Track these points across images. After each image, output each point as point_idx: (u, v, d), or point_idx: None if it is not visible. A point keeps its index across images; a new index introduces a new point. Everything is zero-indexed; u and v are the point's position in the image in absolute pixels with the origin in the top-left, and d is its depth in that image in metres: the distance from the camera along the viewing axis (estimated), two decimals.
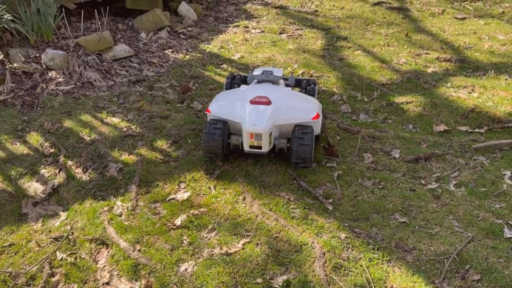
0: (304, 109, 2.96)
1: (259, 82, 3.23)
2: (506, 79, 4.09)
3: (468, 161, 3.00)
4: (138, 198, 2.71)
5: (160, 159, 3.06)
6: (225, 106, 3.01)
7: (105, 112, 3.62)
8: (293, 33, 5.46)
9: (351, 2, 6.49)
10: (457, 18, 5.72)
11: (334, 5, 6.41)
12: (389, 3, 6.35)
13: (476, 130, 3.36)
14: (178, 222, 2.49)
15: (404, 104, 3.73)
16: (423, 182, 2.84)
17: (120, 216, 2.57)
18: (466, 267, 2.20)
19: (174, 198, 2.71)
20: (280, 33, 5.45)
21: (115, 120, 3.52)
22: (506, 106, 3.62)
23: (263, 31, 5.51)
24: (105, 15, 5.12)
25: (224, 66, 4.55)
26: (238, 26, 5.71)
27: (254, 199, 2.68)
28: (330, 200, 2.68)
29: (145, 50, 4.81)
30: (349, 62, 4.62)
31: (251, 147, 2.81)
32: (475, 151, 3.11)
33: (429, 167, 2.97)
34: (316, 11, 6.16)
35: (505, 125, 3.34)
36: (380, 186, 2.81)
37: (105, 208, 2.62)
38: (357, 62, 4.61)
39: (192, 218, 2.52)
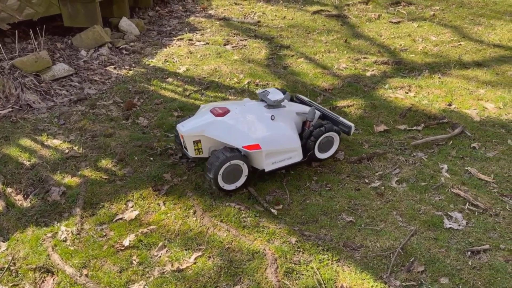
0: (243, 135, 2.72)
1: (260, 100, 3.08)
2: (439, 78, 4.34)
3: (407, 158, 3.15)
4: (83, 221, 2.61)
5: (105, 179, 2.98)
6: (207, 107, 2.98)
7: (46, 134, 3.49)
8: (237, 44, 5.52)
9: (292, 11, 6.66)
10: (392, 22, 6.01)
11: (276, 15, 6.54)
12: (328, 11, 6.57)
13: (414, 127, 3.54)
14: (126, 242, 2.43)
15: (346, 107, 3.86)
16: (367, 181, 2.95)
17: (65, 241, 2.47)
18: (411, 260, 2.29)
19: (121, 218, 2.64)
20: (225, 44, 5.49)
21: (56, 142, 3.39)
22: (440, 103, 3.84)
23: (207, 43, 5.53)
24: (42, 34, 4.94)
25: (170, 80, 4.52)
26: (182, 39, 5.70)
27: (204, 211, 2.66)
28: (280, 206, 2.72)
29: (85, 68, 4.68)
30: (293, 70, 4.72)
31: (184, 147, 2.85)
32: (414, 148, 3.26)
33: (371, 166, 3.09)
34: (259, 21, 6.27)
35: (440, 121, 3.53)
36: (327, 188, 2.89)
37: (49, 235, 2.51)
38: (301, 69, 4.72)
39: (141, 237, 2.47)
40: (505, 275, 2.19)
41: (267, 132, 2.79)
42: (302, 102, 3.37)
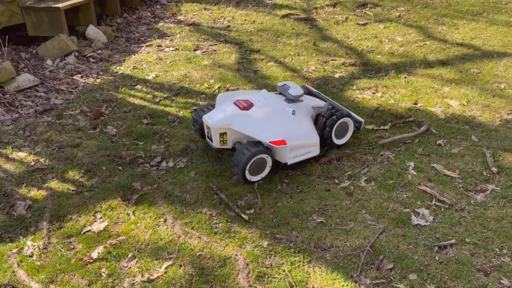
0: (270, 130, 2.83)
1: (279, 93, 3.23)
2: (405, 77, 4.43)
3: (375, 157, 3.20)
4: (50, 235, 2.55)
5: (73, 190, 2.92)
6: (224, 97, 3.14)
7: (10, 147, 3.39)
8: (207, 49, 5.51)
9: (262, 16, 6.69)
10: (359, 24, 6.11)
11: (245, 20, 6.56)
12: (296, 14, 6.63)
13: (382, 127, 3.60)
14: (95, 255, 2.38)
15: None
16: (336, 181, 2.98)
17: (31, 256, 2.40)
18: (380, 258, 2.33)
19: (90, 230, 2.59)
20: (195, 50, 5.47)
21: (21, 154, 3.30)
22: (406, 102, 3.92)
23: (177, 49, 5.50)
24: (5, 44, 4.81)
25: (139, 87, 4.47)
26: (151, 45, 5.64)
27: (175, 219, 2.64)
28: (252, 210, 2.72)
29: (51, 78, 4.58)
30: (263, 74, 4.74)
31: (208, 137, 2.98)
32: (382, 147, 3.32)
33: (341, 166, 3.13)
34: (228, 26, 6.27)
35: (406, 120, 3.61)
36: (298, 190, 2.90)
37: (14, 250, 2.44)
38: (271, 73, 4.75)
39: (110, 249, 2.43)
40: (470, 268, 2.25)
41: (291, 128, 2.92)
42: (310, 92, 3.59)
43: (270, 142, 2.79)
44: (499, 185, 2.84)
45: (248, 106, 2.91)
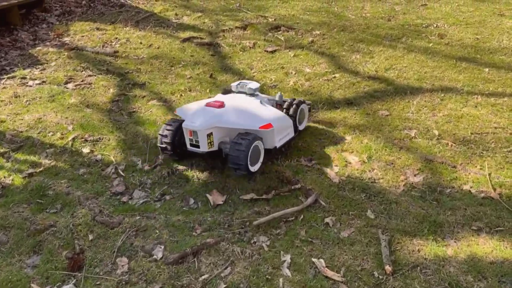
0: (254, 117, 2.93)
1: (236, 93, 3.33)
2: None
3: (245, 246, 2.45)
4: None
5: None
6: (188, 107, 3.14)
7: None
8: (82, 81, 4.59)
9: (161, 38, 5.85)
10: (267, 52, 5.42)
11: (141, 43, 5.69)
12: (200, 37, 5.85)
13: (263, 196, 2.86)
14: None
15: (189, 170, 3.11)
16: None
17: None
18: None
19: None
20: (66, 83, 4.54)
21: None
22: (298, 159, 3.22)
23: (44, 82, 4.54)
24: None
25: None
26: (14, 77, 4.64)
27: None
28: None
29: None
30: (139, 117, 3.90)
31: (191, 145, 2.90)
32: (257, 229, 2.58)
33: (196, 266, 2.34)
34: (117, 51, 5.36)
35: (293, 187, 2.90)
36: None
37: None
38: (148, 115, 3.92)
39: None
40: None
41: (268, 113, 3.04)
42: None
43: (259, 127, 2.86)
44: None
45: (221, 104, 2.96)
